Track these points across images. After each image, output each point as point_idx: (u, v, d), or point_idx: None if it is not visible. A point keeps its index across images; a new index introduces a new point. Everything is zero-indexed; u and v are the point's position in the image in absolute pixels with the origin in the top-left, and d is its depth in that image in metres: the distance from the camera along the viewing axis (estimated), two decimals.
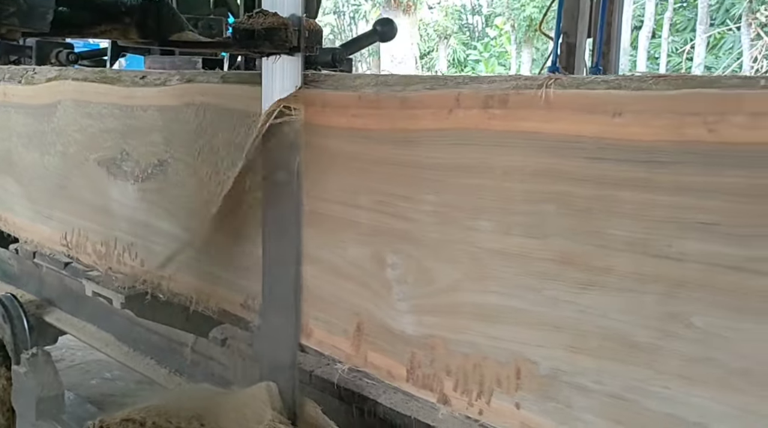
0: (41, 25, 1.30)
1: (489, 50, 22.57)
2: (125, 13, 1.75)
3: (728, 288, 0.99)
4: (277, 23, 1.46)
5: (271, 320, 1.53)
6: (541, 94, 1.14)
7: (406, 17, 21.53)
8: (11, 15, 1.22)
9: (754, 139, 0.94)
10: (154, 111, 1.70)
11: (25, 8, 1.24)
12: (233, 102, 1.59)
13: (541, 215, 1.17)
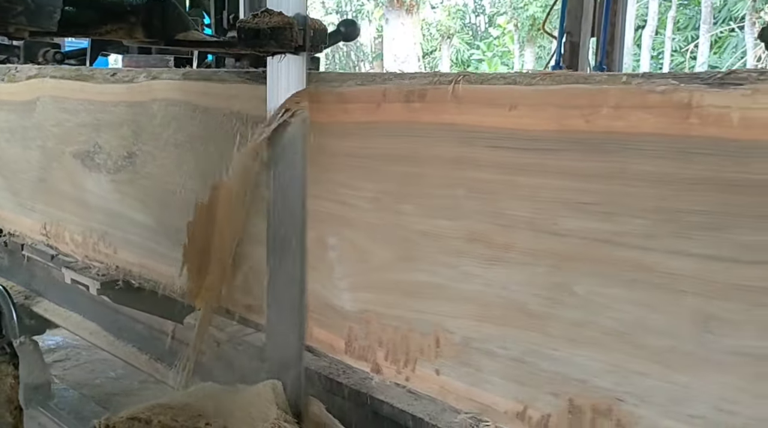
0: (48, 25, 1.31)
1: (492, 50, 22.68)
2: (131, 13, 1.78)
3: (601, 260, 1.14)
4: (282, 22, 1.47)
5: (277, 320, 1.56)
6: (451, 89, 1.28)
7: (409, 17, 21.61)
8: (19, 14, 1.23)
9: (618, 128, 1.09)
10: (124, 106, 1.85)
11: (32, 7, 1.25)
12: (193, 97, 1.74)
13: (454, 198, 1.32)
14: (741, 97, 0.96)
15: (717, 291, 1.02)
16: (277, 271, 1.51)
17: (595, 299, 1.16)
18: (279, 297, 1.53)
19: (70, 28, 1.65)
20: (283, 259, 1.50)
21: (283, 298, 1.52)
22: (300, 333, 1.53)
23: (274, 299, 1.53)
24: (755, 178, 0.96)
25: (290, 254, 1.50)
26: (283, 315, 1.53)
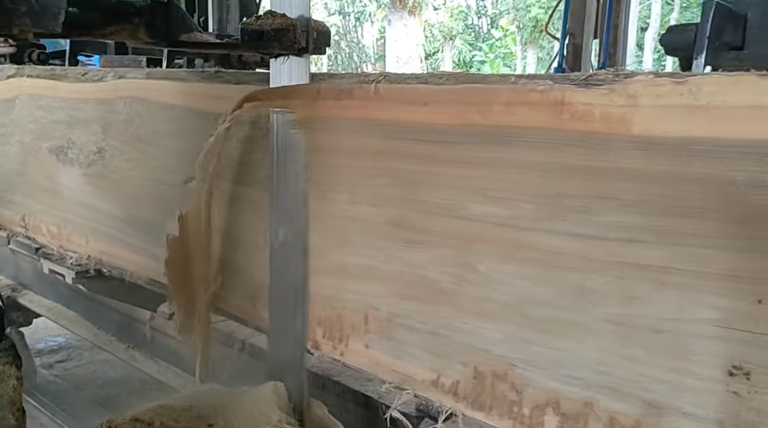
0: (53, 26, 1.29)
1: (494, 51, 22.78)
2: (134, 14, 1.76)
3: (499, 241, 1.29)
4: (285, 24, 1.49)
5: (279, 322, 1.61)
6: (373, 88, 1.44)
7: (411, 18, 21.71)
8: (23, 15, 1.21)
9: (509, 122, 1.24)
10: (93, 104, 2.01)
11: (37, 8, 1.23)
12: (154, 95, 1.90)
13: (380, 187, 1.47)
14: (600, 95, 1.11)
15: (591, 266, 1.17)
16: (278, 273, 1.58)
17: (494, 276, 1.30)
18: (280, 299, 1.59)
19: (73, 29, 1.63)
20: (285, 261, 1.57)
21: (284, 300, 1.58)
22: (302, 335, 1.58)
23: (276, 301, 1.60)
24: (613, 166, 1.11)
25: (292, 256, 1.56)
26: (285, 317, 1.59)
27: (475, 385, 1.35)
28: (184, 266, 1.74)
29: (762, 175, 0.97)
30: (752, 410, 1.02)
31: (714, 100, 1.01)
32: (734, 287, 1.01)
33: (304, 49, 1.52)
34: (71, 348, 3.29)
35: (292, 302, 1.58)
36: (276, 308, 1.61)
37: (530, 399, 1.27)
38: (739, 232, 1.00)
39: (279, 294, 1.59)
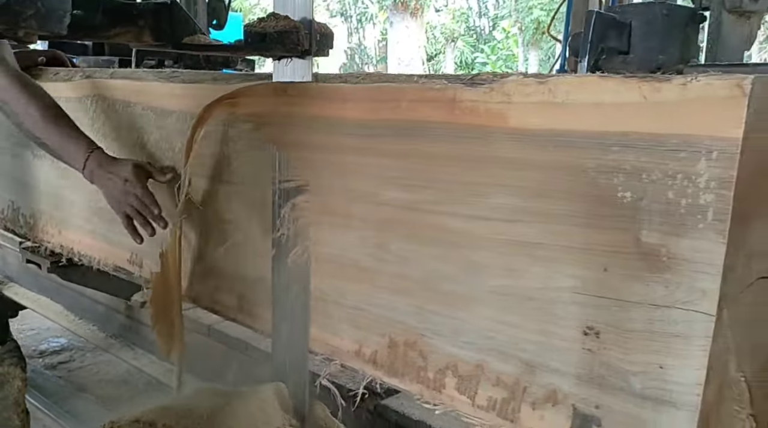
0: (59, 28, 1.32)
1: (496, 53, 22.96)
2: (139, 16, 1.82)
3: (409, 223, 1.47)
4: (288, 26, 1.52)
5: (281, 323, 1.67)
6: (311, 87, 1.62)
7: (413, 20, 21.89)
8: (29, 18, 1.24)
9: (414, 117, 1.42)
10: (64, 101, 2.19)
11: (43, 11, 1.26)
12: (117, 94, 2.09)
13: (319, 178, 1.65)
14: (483, 93, 1.29)
15: (480, 244, 1.35)
16: (281, 274, 1.66)
17: (405, 255, 1.49)
18: (283, 301, 1.66)
19: (79, 31, 1.68)
20: (288, 262, 1.65)
21: (287, 301, 1.65)
22: (304, 336, 1.64)
23: (279, 303, 1.67)
24: (496, 155, 1.30)
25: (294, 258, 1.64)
26: (288, 319, 1.66)
27: (389, 354, 1.54)
28: (165, 298, 1.91)
29: (605, 162, 1.15)
30: (603, 364, 1.20)
31: (568, 98, 1.19)
32: (587, 258, 1.19)
33: (307, 51, 1.56)
34: (74, 349, 3.36)
35: (294, 303, 1.65)
36: (277, 308, 1.68)
37: (434, 364, 1.45)
38: (590, 211, 1.18)
39: (281, 295, 1.66)
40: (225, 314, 1.93)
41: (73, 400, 2.75)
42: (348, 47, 27.45)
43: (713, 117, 1.03)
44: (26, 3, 1.23)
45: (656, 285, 1.12)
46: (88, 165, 1.84)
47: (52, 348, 3.49)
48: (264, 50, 1.58)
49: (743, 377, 1.15)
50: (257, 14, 20.01)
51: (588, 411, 1.22)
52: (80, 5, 1.58)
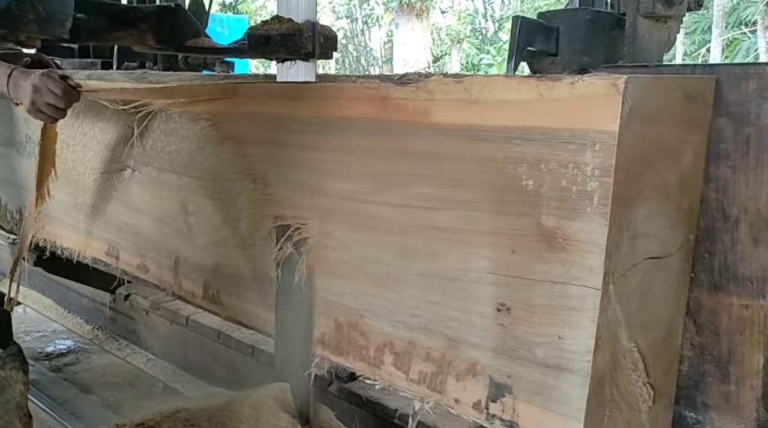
0: (60, 32, 1.35)
1: (501, 54, 23.01)
2: (141, 20, 1.84)
3: (347, 212, 1.61)
4: (292, 29, 1.54)
5: (285, 325, 1.72)
6: (257, 87, 1.77)
7: (419, 21, 21.99)
8: (30, 22, 1.28)
9: (353, 114, 1.56)
10: None
11: (44, 15, 1.30)
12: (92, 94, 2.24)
13: (267, 171, 1.80)
14: (410, 92, 1.44)
15: (407, 230, 1.49)
16: (286, 276, 1.70)
17: (347, 242, 1.63)
18: (287, 303, 1.70)
19: (81, 35, 1.68)
20: (292, 265, 1.69)
21: (291, 304, 1.70)
22: (308, 338, 1.68)
23: (283, 305, 1.72)
24: (421, 148, 1.44)
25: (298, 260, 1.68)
26: (292, 321, 1.71)
27: (336, 334, 1.68)
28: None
29: (510, 153, 1.29)
30: (513, 338, 1.33)
31: (480, 96, 1.33)
32: (498, 241, 1.33)
33: (310, 53, 1.59)
34: (80, 351, 3.35)
35: (300, 306, 1.69)
36: (281, 311, 1.73)
37: (374, 342, 1.60)
38: (499, 198, 1.32)
39: (286, 297, 1.71)
40: (192, 301, 2.07)
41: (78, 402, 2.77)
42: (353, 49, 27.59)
43: (595, 113, 1.17)
44: (27, 8, 1.26)
45: (555, 264, 1.26)
46: (9, 85, 1.94)
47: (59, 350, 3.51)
48: (268, 53, 1.61)
49: (636, 347, 1.29)
50: (262, 17, 20.19)
51: (501, 380, 1.36)
52: (82, 9, 1.60)
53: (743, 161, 1.30)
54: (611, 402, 1.29)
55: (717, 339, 1.37)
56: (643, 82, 1.17)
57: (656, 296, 1.32)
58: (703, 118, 1.32)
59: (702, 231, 1.37)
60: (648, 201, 1.25)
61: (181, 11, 1.90)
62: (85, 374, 3.01)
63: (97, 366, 2.92)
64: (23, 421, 1.87)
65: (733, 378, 1.35)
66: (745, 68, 1.29)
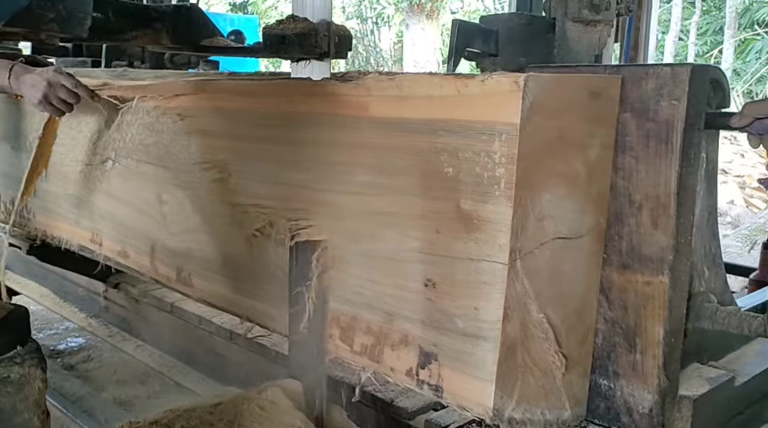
0: (80, 31, 1.36)
1: None
2: (157, 19, 1.87)
3: (303, 199, 1.78)
4: (307, 29, 1.57)
5: (298, 327, 1.75)
6: (217, 84, 1.95)
7: (429, 22, 22.13)
8: (51, 21, 1.28)
9: (304, 109, 1.74)
10: None
11: (64, 14, 1.30)
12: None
13: (230, 162, 1.97)
14: (353, 88, 1.61)
15: (354, 215, 1.67)
16: (298, 278, 1.74)
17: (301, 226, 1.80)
18: (300, 304, 1.74)
19: (98, 34, 1.69)
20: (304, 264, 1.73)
21: (304, 305, 1.73)
22: (321, 340, 1.71)
23: (296, 307, 1.76)
24: (360, 140, 1.61)
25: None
26: (303, 321, 1.74)
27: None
28: None
29: (434, 144, 1.46)
30: (438, 310, 1.51)
31: (409, 92, 1.50)
32: (426, 223, 1.50)
33: (325, 53, 1.64)
34: (92, 348, 3.41)
35: (311, 305, 1.72)
36: (294, 311, 1.77)
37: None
38: (426, 184, 1.49)
39: (298, 299, 1.75)
40: (167, 284, 2.26)
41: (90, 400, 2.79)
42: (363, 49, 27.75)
43: (502, 107, 1.34)
44: (48, 7, 1.27)
45: (472, 243, 1.43)
46: (11, 78, 2.09)
47: (71, 347, 3.57)
48: (283, 52, 1.65)
49: (546, 319, 1.45)
50: (272, 16, 20.41)
51: (429, 349, 1.53)
52: (99, 8, 1.62)
53: (644, 153, 1.47)
54: (523, 367, 1.45)
55: (625, 314, 1.53)
56: (543, 80, 1.34)
57: (567, 273, 1.48)
58: (610, 113, 1.48)
59: (612, 215, 1.53)
60: (555, 187, 1.42)
61: (196, 11, 1.94)
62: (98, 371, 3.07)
63: (109, 364, 2.98)
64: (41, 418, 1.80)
65: (639, 349, 1.51)
66: (646, 68, 1.45)
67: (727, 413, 1.66)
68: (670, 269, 1.46)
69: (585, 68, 1.62)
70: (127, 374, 3.02)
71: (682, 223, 1.46)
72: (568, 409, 1.55)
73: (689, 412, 1.52)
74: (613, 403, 1.56)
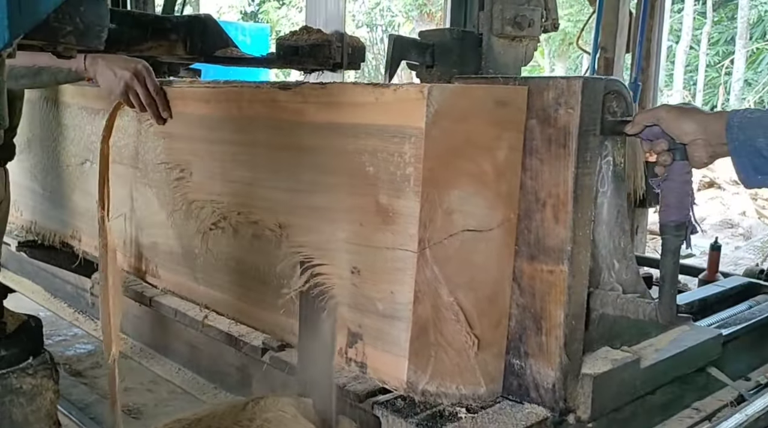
0: (97, 44, 1.35)
1: None
2: (172, 30, 1.89)
3: (250, 196, 2.00)
4: (320, 40, 1.61)
5: (307, 338, 1.81)
6: (181, 90, 2.17)
7: None
8: (68, 34, 1.27)
9: (250, 114, 1.95)
10: (25, 103, 2.77)
11: (81, 27, 1.28)
12: (60, 96, 2.66)
13: (190, 162, 2.19)
14: (291, 95, 1.83)
15: (295, 210, 1.88)
16: (307, 290, 1.81)
17: (242, 221, 2.02)
18: (309, 315, 1.80)
19: (113, 45, 1.71)
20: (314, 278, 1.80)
21: (313, 316, 1.79)
22: (330, 351, 1.75)
23: (305, 318, 1.82)
24: (299, 142, 1.82)
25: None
26: (313, 333, 1.80)
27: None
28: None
29: (358, 145, 1.67)
30: (362, 295, 1.71)
31: (338, 99, 1.72)
32: (352, 217, 1.71)
33: (339, 64, 1.70)
34: (99, 354, 3.42)
35: (321, 318, 1.77)
36: (304, 323, 1.82)
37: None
38: (352, 182, 1.70)
39: (308, 310, 1.81)
40: (138, 276, 2.47)
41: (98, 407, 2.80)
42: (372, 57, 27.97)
43: (411, 113, 1.55)
44: (65, 20, 1.27)
45: (388, 234, 1.64)
46: (86, 62, 2.12)
47: (79, 354, 3.61)
48: (296, 63, 1.72)
49: (456, 302, 1.65)
50: (284, 26, 20.72)
51: (355, 330, 1.74)
52: (116, 20, 1.64)
53: (547, 155, 1.67)
54: (436, 345, 1.65)
55: (534, 300, 1.73)
56: (447, 90, 1.55)
57: (478, 262, 1.68)
58: (517, 119, 1.68)
59: (522, 211, 1.73)
60: (464, 185, 1.62)
61: (211, 21, 1.97)
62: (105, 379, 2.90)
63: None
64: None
65: (544, 331, 1.71)
66: (547, 80, 1.66)
67: (632, 392, 1.84)
68: (569, 259, 1.66)
69: (497, 79, 1.82)
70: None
71: (580, 218, 1.66)
72: (484, 386, 1.74)
73: (590, 388, 1.71)
74: (524, 380, 1.75)
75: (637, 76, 4.69)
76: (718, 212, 9.87)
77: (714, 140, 1.56)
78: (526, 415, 1.71)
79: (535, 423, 1.68)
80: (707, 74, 20.32)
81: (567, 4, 21.52)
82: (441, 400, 1.69)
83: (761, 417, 1.96)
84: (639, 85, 4.59)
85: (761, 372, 2.37)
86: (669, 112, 1.61)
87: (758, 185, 1.56)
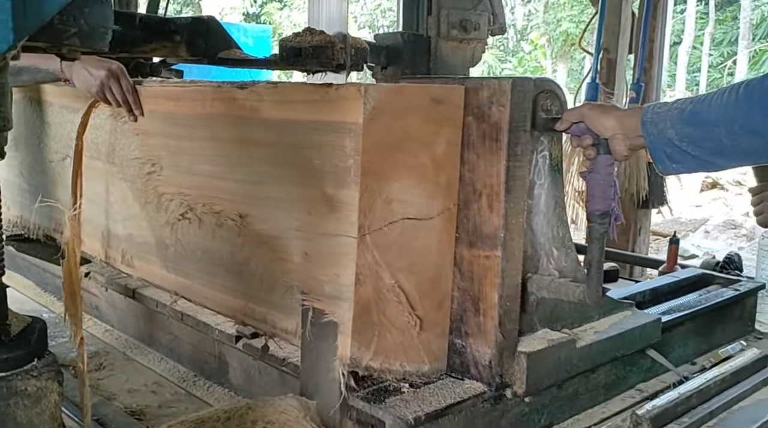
0: (101, 45, 1.38)
1: (523, 65, 23.54)
2: (175, 32, 1.91)
3: (211, 188, 2.16)
4: (324, 41, 1.61)
5: (311, 340, 1.84)
6: (155, 90, 2.33)
7: None
8: (72, 36, 1.30)
9: (214, 112, 2.11)
10: (15, 102, 2.93)
11: (86, 29, 1.32)
12: (43, 95, 2.82)
13: (161, 157, 2.35)
14: (248, 94, 1.98)
15: (249, 200, 2.03)
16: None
17: (205, 212, 2.18)
18: (313, 318, 1.84)
19: (117, 47, 1.70)
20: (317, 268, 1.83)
21: (317, 319, 1.83)
22: (334, 353, 1.78)
23: (309, 321, 1.85)
24: (255, 137, 1.98)
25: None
26: (318, 335, 1.83)
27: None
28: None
29: (305, 140, 1.83)
30: (312, 278, 1.86)
31: (289, 98, 1.87)
32: (301, 206, 1.87)
33: (341, 65, 1.71)
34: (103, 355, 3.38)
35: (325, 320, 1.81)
36: (308, 326, 1.86)
37: None
38: (301, 173, 1.86)
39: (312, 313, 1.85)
40: (115, 266, 2.63)
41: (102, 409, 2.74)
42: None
43: (351, 110, 1.70)
44: (70, 21, 1.29)
45: (333, 221, 1.79)
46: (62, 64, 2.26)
47: None
48: (299, 65, 1.73)
49: (397, 285, 1.80)
50: (287, 28, 20.90)
51: (306, 309, 1.89)
52: (118, 21, 1.64)
53: (482, 149, 1.82)
54: (379, 325, 1.80)
55: (472, 283, 1.88)
56: (384, 89, 1.71)
57: (419, 248, 1.83)
58: (455, 116, 1.83)
59: (461, 201, 1.88)
60: (403, 177, 1.77)
61: (214, 23, 1.98)
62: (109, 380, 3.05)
63: (120, 373, 3.00)
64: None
65: (482, 312, 1.86)
66: (481, 81, 1.81)
67: (568, 370, 1.99)
68: (502, 245, 1.81)
69: (437, 79, 1.97)
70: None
71: (513, 207, 1.82)
72: (427, 363, 1.89)
73: (525, 365, 1.86)
74: (465, 358, 1.91)
75: (640, 76, 4.73)
76: (722, 213, 9.99)
77: (631, 134, 1.71)
78: (465, 389, 1.86)
79: (472, 397, 1.83)
80: (710, 75, 20.45)
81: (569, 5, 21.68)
82: (386, 376, 1.83)
83: (693, 395, 2.10)
84: (642, 86, 4.64)
85: (707, 358, 2.51)
86: (591, 109, 1.77)
87: (674, 172, 1.71)
